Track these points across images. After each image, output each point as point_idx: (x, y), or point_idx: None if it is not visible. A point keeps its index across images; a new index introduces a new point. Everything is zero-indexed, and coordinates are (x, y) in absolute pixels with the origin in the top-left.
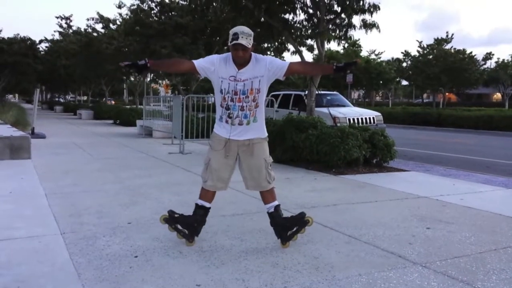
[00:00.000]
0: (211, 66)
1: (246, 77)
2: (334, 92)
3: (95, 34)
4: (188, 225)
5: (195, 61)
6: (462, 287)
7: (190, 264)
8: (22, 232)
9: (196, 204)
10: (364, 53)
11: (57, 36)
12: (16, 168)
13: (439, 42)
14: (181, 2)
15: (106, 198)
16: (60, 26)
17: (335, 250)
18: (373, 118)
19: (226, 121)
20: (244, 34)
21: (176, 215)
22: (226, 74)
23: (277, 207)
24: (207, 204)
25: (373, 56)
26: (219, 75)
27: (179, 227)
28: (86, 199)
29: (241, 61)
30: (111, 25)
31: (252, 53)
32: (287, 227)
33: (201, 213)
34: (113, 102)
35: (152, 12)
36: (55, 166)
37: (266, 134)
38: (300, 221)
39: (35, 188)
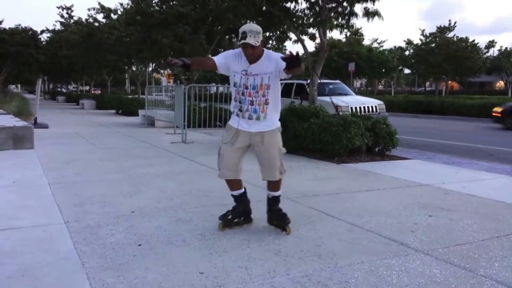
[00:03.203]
0: (226, 61)
1: (257, 72)
2: (336, 81)
3: (96, 24)
4: (241, 214)
5: (215, 58)
6: (464, 274)
7: (193, 252)
8: (26, 221)
9: (233, 196)
10: (366, 42)
11: (58, 26)
12: (19, 158)
13: (442, 30)
14: None
15: (109, 188)
16: (62, 16)
17: (337, 238)
18: (376, 106)
19: (237, 114)
20: (252, 33)
21: (229, 217)
22: (239, 68)
23: (275, 198)
24: (241, 191)
25: (375, 45)
26: (232, 69)
27: (236, 220)
28: (89, 188)
29: (251, 58)
30: (112, 15)
31: (265, 50)
32: (274, 216)
33: (242, 198)
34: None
35: (153, 1)
36: (58, 156)
37: (279, 125)
38: (282, 223)
39: (38, 178)
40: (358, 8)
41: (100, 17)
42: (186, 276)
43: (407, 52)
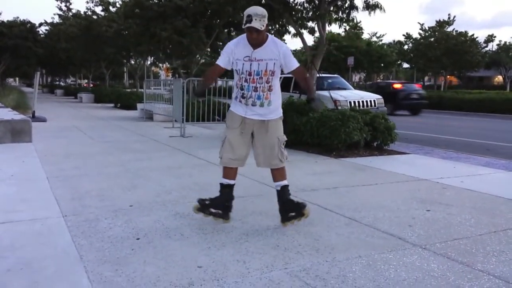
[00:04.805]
0: (229, 56)
1: (261, 57)
2: (335, 75)
3: (94, 17)
4: (220, 206)
5: (219, 62)
6: (462, 268)
7: (192, 246)
8: (25, 215)
9: (221, 184)
10: (365, 36)
11: (56, 19)
12: (17, 151)
13: (441, 24)
14: None
15: (107, 181)
16: (60, 9)
17: (335, 232)
18: (374, 101)
19: (240, 101)
20: (258, 16)
21: (206, 202)
22: (241, 55)
23: (284, 187)
24: (231, 182)
25: (374, 39)
26: (235, 57)
27: (213, 210)
28: (88, 182)
29: (255, 42)
30: (110, 7)
31: (270, 36)
32: (287, 208)
33: (227, 191)
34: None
35: None
36: (56, 150)
37: (281, 114)
38: (298, 210)
39: (36, 171)
40: (359, 1)
41: (98, 10)
42: (184, 269)
43: (406, 46)
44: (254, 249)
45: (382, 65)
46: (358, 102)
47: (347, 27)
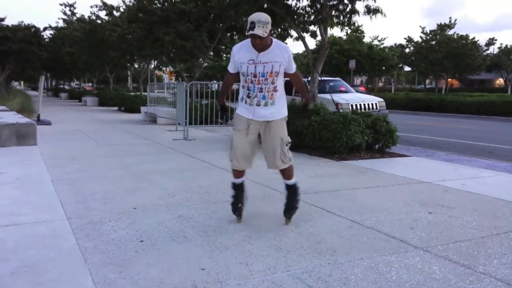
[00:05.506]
0: (235, 62)
1: (267, 60)
2: (337, 78)
3: (98, 21)
4: (241, 198)
5: (230, 69)
6: (463, 271)
7: (195, 249)
8: (29, 217)
9: (234, 183)
10: (367, 39)
11: (61, 24)
12: (22, 154)
13: (442, 27)
14: None
15: (111, 184)
16: (64, 13)
17: (337, 235)
18: (376, 104)
19: (246, 101)
20: (261, 23)
21: (239, 205)
22: (245, 59)
23: (289, 186)
24: (244, 178)
25: (376, 42)
26: (239, 61)
27: (239, 206)
28: (92, 185)
29: (260, 48)
30: (114, 12)
31: (275, 39)
32: (286, 207)
33: (242, 185)
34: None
35: None
36: (61, 153)
37: (286, 114)
38: (287, 215)
39: (41, 174)
40: (360, 5)
41: (102, 14)
42: (188, 272)
43: (407, 50)
44: (257, 251)
45: (384, 68)
46: (360, 105)
47: (349, 31)
